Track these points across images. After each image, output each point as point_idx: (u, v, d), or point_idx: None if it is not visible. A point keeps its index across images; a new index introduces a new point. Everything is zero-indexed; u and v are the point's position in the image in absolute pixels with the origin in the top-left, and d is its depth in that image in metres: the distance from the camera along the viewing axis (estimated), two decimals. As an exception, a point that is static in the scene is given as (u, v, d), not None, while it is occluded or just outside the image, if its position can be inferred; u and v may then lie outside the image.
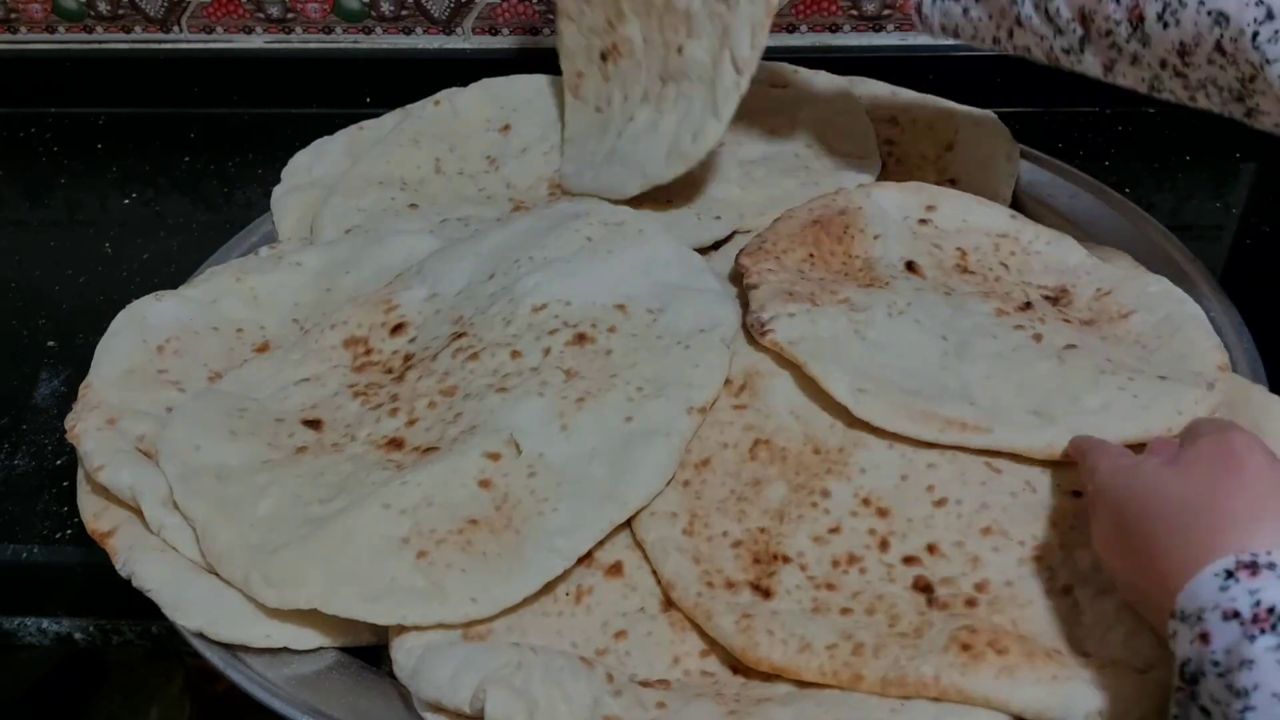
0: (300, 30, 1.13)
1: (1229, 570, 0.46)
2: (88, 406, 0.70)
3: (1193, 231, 0.95)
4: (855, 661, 0.56)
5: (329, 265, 0.82)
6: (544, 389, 0.68)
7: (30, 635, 0.73)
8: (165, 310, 0.77)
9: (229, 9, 1.12)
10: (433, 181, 0.91)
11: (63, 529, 0.76)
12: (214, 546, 0.62)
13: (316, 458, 0.68)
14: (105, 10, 1.13)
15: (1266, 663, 0.43)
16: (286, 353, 0.75)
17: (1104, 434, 0.63)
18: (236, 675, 0.59)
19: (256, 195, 0.98)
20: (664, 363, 0.70)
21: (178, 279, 0.82)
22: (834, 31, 1.08)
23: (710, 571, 0.61)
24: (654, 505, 0.64)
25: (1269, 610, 0.44)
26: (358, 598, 0.59)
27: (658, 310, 0.73)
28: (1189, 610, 0.46)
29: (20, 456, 0.82)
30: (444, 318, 0.76)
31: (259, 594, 0.60)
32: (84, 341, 0.78)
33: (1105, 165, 1.00)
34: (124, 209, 1.06)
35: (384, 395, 0.71)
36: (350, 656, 0.61)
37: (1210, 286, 0.77)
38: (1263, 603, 0.44)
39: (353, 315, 0.76)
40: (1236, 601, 0.45)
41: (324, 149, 0.95)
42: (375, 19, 1.12)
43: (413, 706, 0.58)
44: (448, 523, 0.62)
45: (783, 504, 0.64)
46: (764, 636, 0.57)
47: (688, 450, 0.67)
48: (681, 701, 0.56)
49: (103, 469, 0.65)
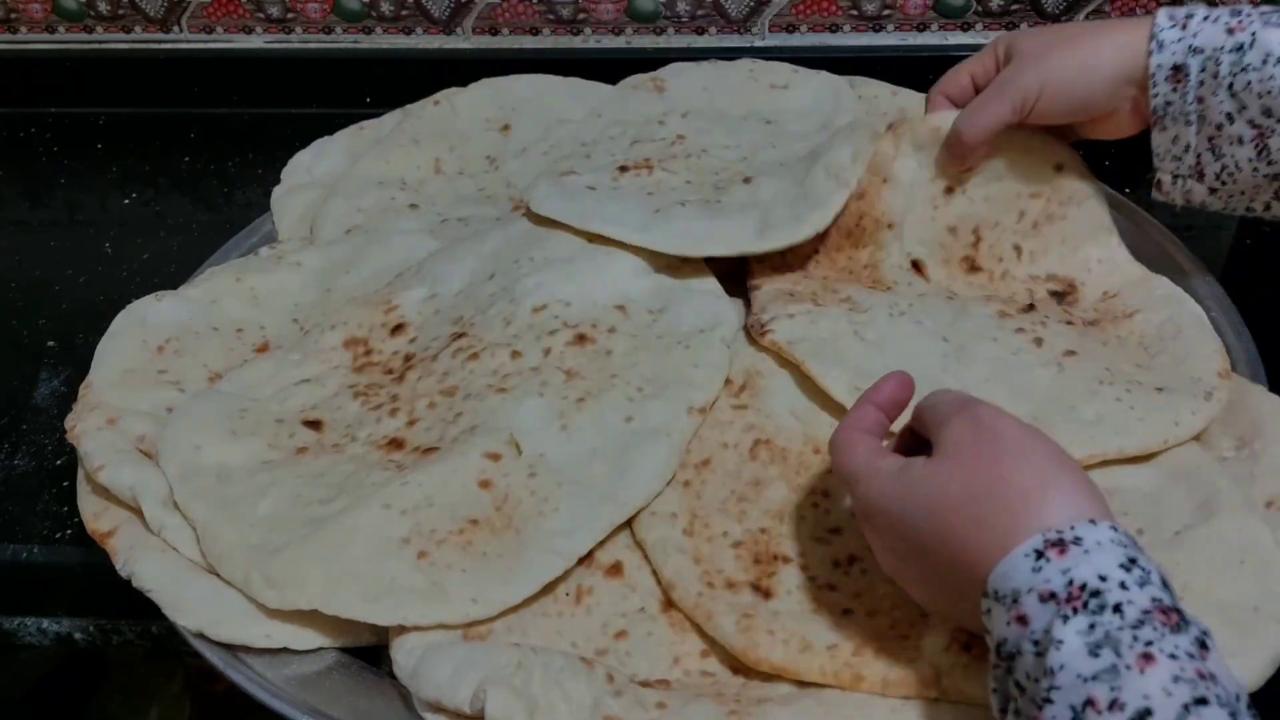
0: (300, 30, 1.13)
1: (1039, 550, 0.46)
2: (88, 406, 0.70)
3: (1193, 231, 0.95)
4: (856, 662, 0.56)
5: (329, 265, 0.82)
6: (544, 389, 0.68)
7: (30, 635, 0.73)
8: (165, 310, 0.77)
9: (229, 9, 1.12)
10: (433, 181, 0.91)
11: (63, 529, 0.76)
12: (214, 547, 0.62)
13: (317, 458, 0.68)
14: (105, 10, 1.13)
15: (1074, 645, 0.43)
16: (286, 353, 0.75)
17: (1099, 446, 0.64)
18: (236, 675, 0.59)
19: (256, 195, 0.98)
20: (664, 363, 0.70)
21: (178, 279, 0.82)
22: (834, 31, 1.08)
23: (711, 572, 0.61)
24: (654, 505, 0.64)
25: (1081, 588, 0.45)
26: (358, 598, 0.59)
27: (658, 311, 0.73)
28: (1003, 591, 0.47)
29: (20, 456, 0.82)
30: (444, 318, 0.75)
31: (259, 594, 0.60)
32: (84, 341, 0.78)
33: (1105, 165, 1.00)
34: (124, 209, 1.06)
35: (384, 395, 0.71)
36: (350, 656, 0.61)
37: (1210, 287, 0.77)
38: (1075, 581, 0.45)
39: (353, 315, 0.76)
40: (1051, 582, 0.45)
41: (324, 149, 0.95)
42: (375, 19, 1.12)
43: (413, 707, 0.58)
44: (448, 523, 0.62)
45: (783, 504, 0.64)
46: (764, 637, 0.57)
47: (688, 450, 0.67)
48: (682, 702, 0.56)
49: (103, 469, 0.65)
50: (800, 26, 1.09)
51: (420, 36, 1.12)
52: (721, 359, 0.70)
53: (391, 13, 1.11)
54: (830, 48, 1.08)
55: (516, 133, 0.94)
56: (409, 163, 0.91)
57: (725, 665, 0.59)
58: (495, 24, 1.11)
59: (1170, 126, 0.70)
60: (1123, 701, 0.41)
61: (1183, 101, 0.68)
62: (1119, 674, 0.42)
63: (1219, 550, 0.59)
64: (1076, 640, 0.44)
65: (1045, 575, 0.46)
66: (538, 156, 0.91)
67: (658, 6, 1.08)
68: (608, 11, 1.09)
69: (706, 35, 1.10)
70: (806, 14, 1.08)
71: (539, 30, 1.11)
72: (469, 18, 1.11)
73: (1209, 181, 0.70)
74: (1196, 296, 0.75)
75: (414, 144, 0.92)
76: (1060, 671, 0.43)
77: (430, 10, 1.11)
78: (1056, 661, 0.43)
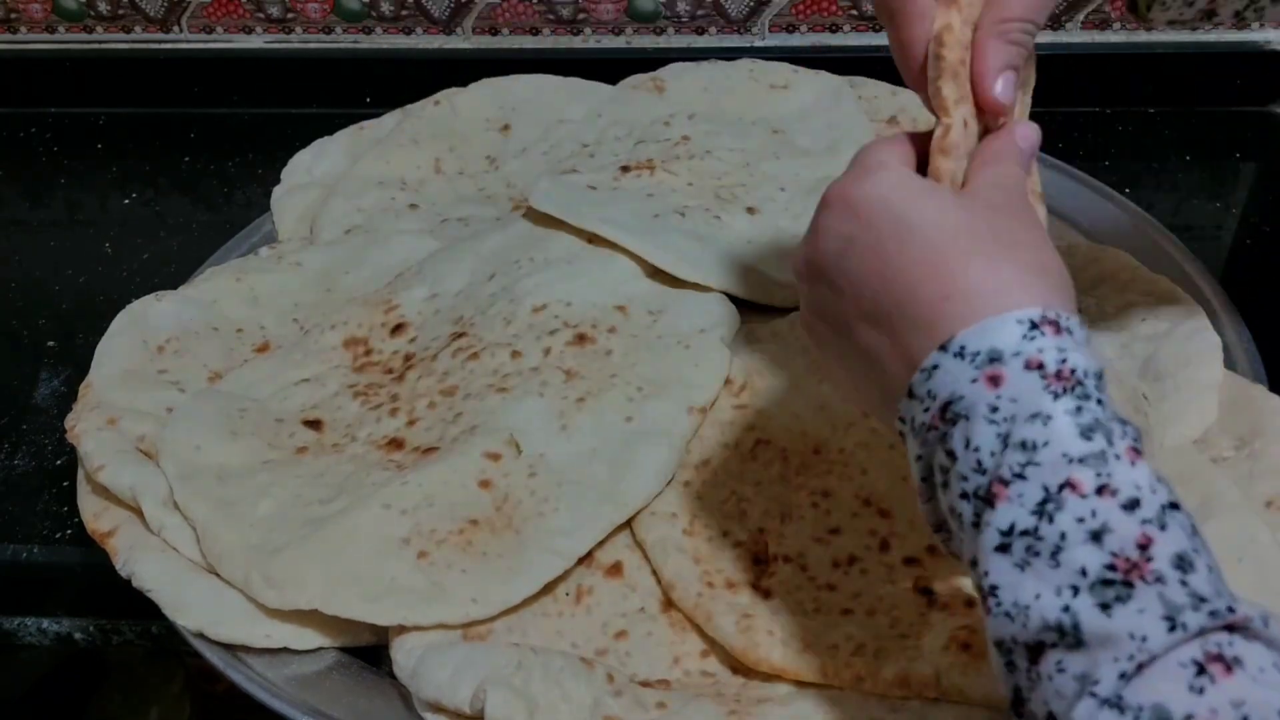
0: (300, 30, 1.13)
1: (1034, 321, 0.42)
2: (88, 406, 0.70)
3: (1193, 231, 0.95)
4: (856, 662, 0.56)
5: (329, 265, 0.82)
6: (544, 389, 0.68)
7: (30, 635, 0.73)
8: (165, 310, 0.77)
9: (229, 9, 1.12)
10: (433, 181, 0.91)
11: (63, 529, 0.76)
12: (214, 547, 0.62)
13: (317, 458, 0.68)
14: (105, 10, 1.13)
15: (1062, 423, 0.40)
16: (287, 353, 0.75)
17: None
18: (236, 675, 0.59)
19: (256, 195, 0.98)
20: (664, 363, 0.70)
21: (178, 279, 0.82)
22: (834, 31, 1.08)
23: (711, 572, 0.61)
24: (654, 505, 0.64)
25: (1072, 371, 0.41)
26: (358, 598, 0.59)
27: (658, 311, 0.73)
28: (975, 347, 0.42)
29: (20, 456, 0.82)
30: (444, 318, 0.75)
31: (259, 594, 0.60)
32: (84, 341, 0.78)
33: (1105, 165, 1.00)
34: (124, 209, 1.06)
35: (384, 395, 0.71)
36: (350, 656, 0.61)
37: (1210, 286, 0.77)
38: (1068, 363, 0.41)
39: (353, 315, 0.76)
40: (1044, 354, 0.41)
41: (324, 149, 0.95)
42: (375, 19, 1.12)
43: (413, 706, 0.58)
44: (448, 523, 0.62)
45: (783, 504, 0.64)
46: (764, 637, 0.57)
47: (688, 450, 0.67)
48: (681, 702, 0.56)
49: (103, 469, 0.65)
50: (800, 26, 1.09)
51: (420, 36, 1.12)
52: (721, 359, 0.70)
53: (391, 13, 1.11)
54: (830, 48, 1.08)
55: (516, 133, 0.94)
56: (409, 163, 0.91)
57: (725, 665, 0.59)
58: (495, 24, 1.11)
59: None
60: (1114, 488, 0.39)
61: None
62: (1107, 461, 0.40)
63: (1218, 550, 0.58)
64: (1066, 419, 0.40)
65: (1038, 345, 0.41)
66: (538, 156, 0.91)
67: (658, 6, 1.08)
68: (608, 11, 1.09)
69: (706, 35, 1.10)
70: (806, 14, 1.08)
71: (539, 30, 1.11)
72: (469, 18, 1.11)
73: None
74: (1196, 296, 0.75)
75: (414, 144, 0.92)
76: (1043, 448, 0.40)
77: (430, 10, 1.11)
78: (1040, 437, 0.40)
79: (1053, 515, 0.40)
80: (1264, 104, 1.06)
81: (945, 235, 0.45)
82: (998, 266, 0.44)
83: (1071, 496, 0.39)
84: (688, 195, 0.81)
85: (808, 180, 0.83)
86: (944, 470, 0.43)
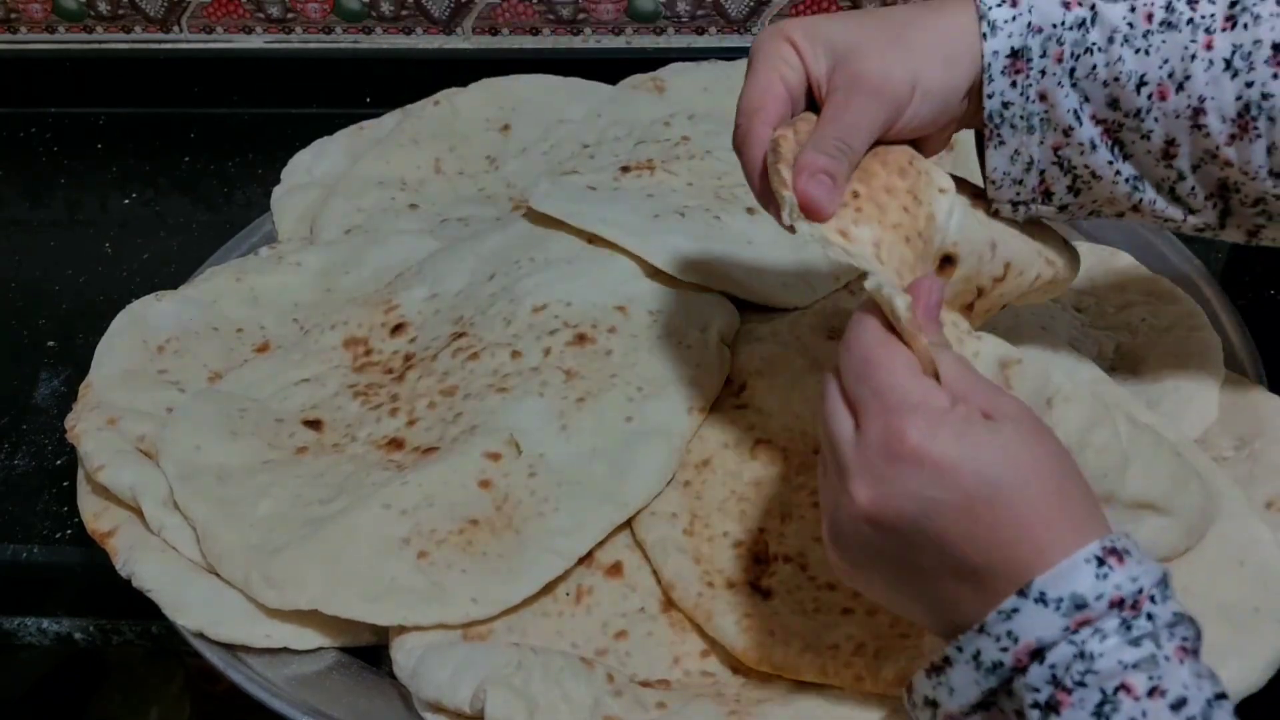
0: (300, 30, 1.13)
1: (1100, 557, 0.44)
2: (88, 406, 0.70)
3: (1193, 231, 0.95)
4: (856, 662, 0.56)
5: (329, 265, 0.82)
6: (544, 389, 0.68)
7: (30, 635, 0.73)
8: (165, 310, 0.77)
9: (229, 9, 1.12)
10: (433, 181, 0.91)
11: (63, 529, 0.76)
12: (214, 547, 0.62)
13: (317, 458, 0.68)
14: (105, 10, 1.13)
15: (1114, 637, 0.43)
16: (286, 353, 0.75)
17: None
18: (236, 675, 0.59)
19: (256, 195, 0.98)
20: (664, 363, 0.70)
21: (178, 279, 0.82)
22: (834, 31, 1.08)
23: (711, 572, 0.61)
24: (654, 505, 0.64)
25: (1139, 590, 0.43)
26: (358, 598, 0.59)
27: (658, 311, 0.73)
28: (1057, 595, 0.43)
29: (20, 456, 0.82)
30: (444, 318, 0.75)
31: (259, 594, 0.60)
32: (84, 341, 0.78)
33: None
34: (124, 209, 1.06)
35: (384, 395, 0.71)
36: (350, 656, 0.61)
37: (1210, 287, 0.77)
38: (1143, 591, 0.44)
39: (353, 315, 0.76)
40: (1121, 589, 0.43)
41: (324, 149, 0.95)
42: (375, 19, 1.12)
43: (413, 706, 0.58)
44: (448, 523, 0.62)
45: (783, 504, 0.64)
46: (764, 637, 0.57)
47: (688, 450, 0.67)
48: (682, 702, 0.56)
49: (103, 469, 0.65)
50: (800, 26, 1.08)
51: (420, 36, 1.12)
52: (721, 359, 0.70)
53: (391, 13, 1.11)
54: (830, 48, 1.08)
55: (516, 133, 0.94)
56: (409, 163, 0.91)
57: (725, 665, 0.59)
58: (495, 24, 1.11)
59: (1009, 139, 0.56)
60: (1164, 689, 0.42)
61: (1024, 101, 0.55)
62: (1158, 664, 0.42)
63: (1219, 551, 0.59)
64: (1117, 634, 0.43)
65: (1114, 582, 0.44)
66: (538, 156, 0.91)
67: (658, 6, 1.08)
68: (608, 11, 1.09)
69: (706, 35, 1.10)
70: (806, 14, 1.08)
71: (539, 30, 1.11)
72: (469, 18, 1.11)
73: (1059, 199, 0.58)
74: (1196, 296, 0.75)
75: (414, 144, 0.92)
76: (1099, 659, 0.43)
77: (430, 10, 1.11)
78: (1098, 649, 0.43)
79: (1109, 716, 0.42)
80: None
81: (1024, 492, 0.45)
82: (1063, 507, 0.45)
83: (1126, 698, 0.42)
84: (688, 195, 0.81)
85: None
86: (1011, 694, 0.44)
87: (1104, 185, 0.56)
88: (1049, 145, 0.56)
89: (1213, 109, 0.53)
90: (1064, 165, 0.56)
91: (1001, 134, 0.56)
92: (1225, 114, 0.53)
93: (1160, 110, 0.54)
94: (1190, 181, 0.56)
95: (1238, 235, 0.58)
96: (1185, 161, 0.55)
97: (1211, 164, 0.54)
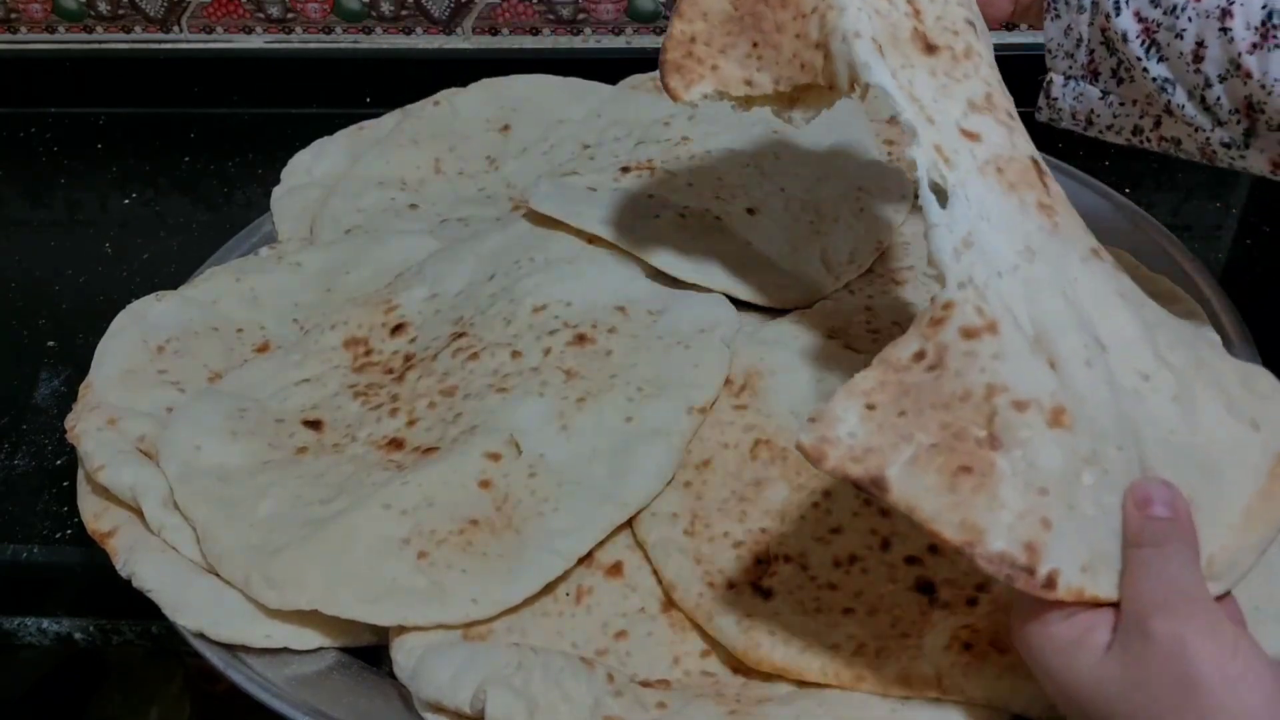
0: (300, 30, 1.13)
1: None
2: (88, 406, 0.70)
3: (1193, 231, 0.95)
4: (857, 661, 0.56)
5: (329, 265, 0.82)
6: (544, 389, 0.68)
7: (30, 635, 0.73)
8: (165, 310, 0.77)
9: (229, 9, 1.12)
10: (433, 182, 0.91)
11: (63, 529, 0.76)
12: (214, 547, 0.62)
13: (317, 458, 0.68)
14: (105, 10, 1.13)
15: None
16: (287, 353, 0.75)
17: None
18: (236, 675, 0.59)
19: (256, 195, 0.98)
20: (664, 363, 0.70)
21: (178, 279, 0.82)
22: (834, 31, 1.08)
23: (711, 572, 0.61)
24: (655, 506, 0.64)
25: None
26: (358, 599, 0.59)
27: (658, 311, 0.73)
28: None
29: (20, 456, 0.82)
30: (444, 318, 0.75)
31: (260, 595, 0.60)
32: (84, 341, 0.78)
33: (1105, 165, 1.00)
34: (124, 209, 1.06)
35: (384, 395, 0.71)
36: (350, 656, 0.61)
37: (1210, 287, 0.77)
38: None
39: (353, 315, 0.76)
40: None
41: (324, 149, 0.95)
42: (375, 19, 1.12)
43: (413, 707, 0.58)
44: (448, 523, 0.62)
45: (784, 504, 0.64)
46: (765, 637, 0.57)
47: (688, 451, 0.67)
48: (682, 702, 0.56)
49: (103, 469, 0.65)
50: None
51: (420, 36, 1.12)
52: (721, 359, 0.70)
53: (391, 13, 1.11)
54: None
55: (516, 133, 0.94)
56: (409, 163, 0.91)
57: (725, 665, 0.59)
58: (495, 24, 1.11)
59: (1064, 13, 0.62)
60: None
61: None
62: None
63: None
64: None
65: None
66: (538, 156, 0.91)
67: (658, 6, 1.08)
68: (608, 11, 1.09)
69: (706, 35, 1.09)
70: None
71: (539, 30, 1.11)
72: (469, 18, 1.11)
73: (1104, 82, 0.63)
74: (1196, 296, 0.75)
75: (414, 144, 0.92)
76: None
77: (430, 10, 1.11)
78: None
79: None
80: (1264, 104, 1.06)
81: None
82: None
83: None
84: (688, 195, 0.81)
85: (808, 180, 0.83)
86: None
87: (1139, 83, 0.61)
88: (1097, 26, 0.61)
89: (1239, 13, 0.56)
90: (1110, 47, 0.61)
91: (1057, 7, 0.63)
92: (1250, 21, 0.56)
93: (1194, 10, 0.58)
94: (1217, 90, 0.59)
95: (1262, 163, 0.60)
96: (1213, 68, 0.58)
97: (1235, 76, 0.57)
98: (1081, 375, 0.49)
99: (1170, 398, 0.50)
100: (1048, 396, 0.48)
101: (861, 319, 0.74)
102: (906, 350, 0.49)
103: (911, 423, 0.47)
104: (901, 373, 0.48)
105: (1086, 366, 0.49)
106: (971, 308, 0.49)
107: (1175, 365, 0.51)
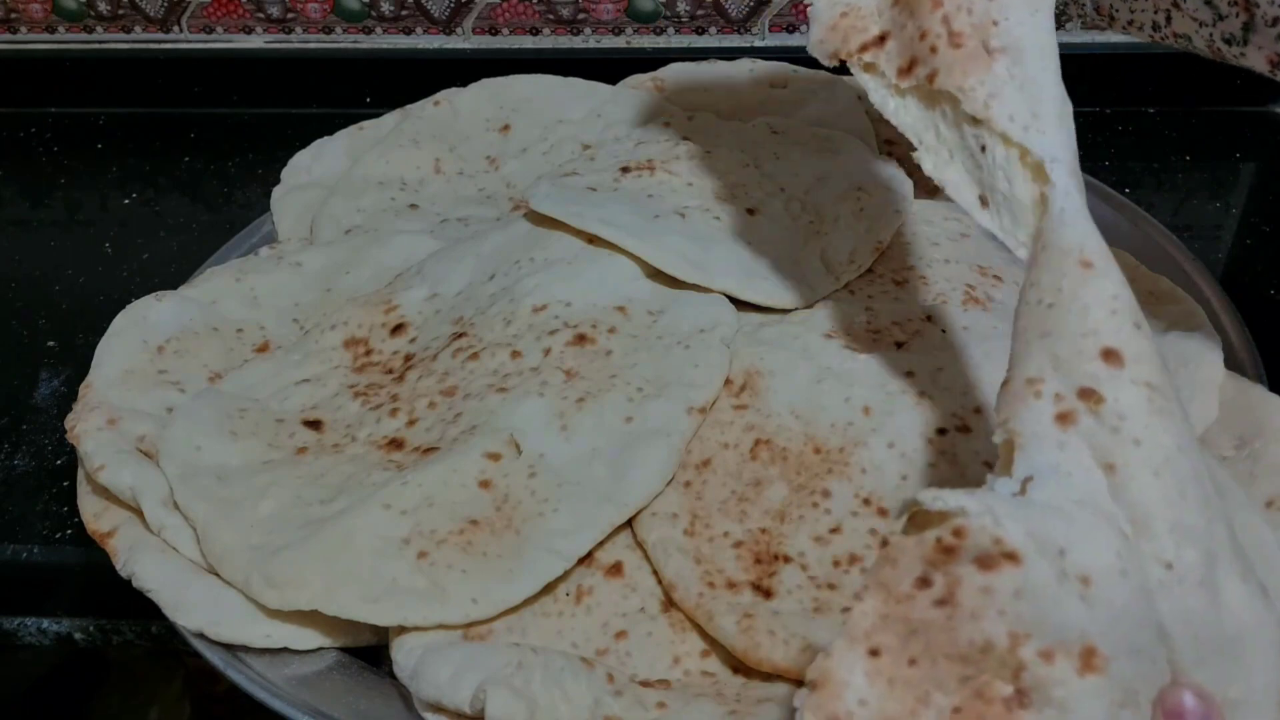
0: (300, 30, 1.13)
1: None
2: (88, 406, 0.70)
3: (1193, 231, 0.95)
4: (856, 662, 0.56)
5: (329, 265, 0.82)
6: (544, 389, 0.68)
7: (30, 635, 0.73)
8: (165, 310, 0.77)
9: (229, 9, 1.12)
10: (433, 182, 0.91)
11: (63, 529, 0.76)
12: (214, 547, 0.62)
13: (317, 458, 0.68)
14: (105, 10, 1.13)
15: None
16: (286, 353, 0.75)
17: None
18: (236, 675, 0.59)
19: (256, 195, 0.98)
20: (664, 363, 0.70)
21: (178, 279, 0.82)
22: (834, 31, 1.08)
23: (711, 572, 0.61)
24: (655, 506, 0.64)
25: None
26: (358, 599, 0.59)
27: (658, 311, 0.73)
28: None
29: (20, 456, 0.82)
30: (444, 318, 0.76)
31: (259, 595, 0.60)
32: (84, 341, 0.78)
33: (1105, 165, 1.00)
34: (124, 209, 1.06)
35: (384, 395, 0.71)
36: (350, 657, 0.61)
37: (1210, 286, 0.77)
38: None
39: (353, 315, 0.76)
40: None
41: (324, 149, 0.95)
42: (375, 19, 1.12)
43: (413, 707, 0.58)
44: (448, 523, 0.62)
45: (784, 504, 0.64)
46: (765, 637, 0.57)
47: (688, 451, 0.67)
48: (682, 702, 0.56)
49: (103, 469, 0.65)
50: (800, 26, 1.09)
51: (420, 36, 1.13)
52: (721, 359, 0.70)
53: (391, 13, 1.11)
54: (830, 48, 1.08)
55: (516, 133, 0.94)
56: (409, 163, 0.91)
57: (726, 665, 0.59)
58: (495, 24, 1.11)
59: None
60: None
61: None
62: None
63: (1219, 550, 0.58)
64: None
65: None
66: (538, 157, 0.91)
67: (658, 6, 1.08)
68: (608, 11, 1.09)
69: (706, 35, 1.10)
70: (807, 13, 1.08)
71: (539, 30, 1.11)
72: (469, 18, 1.11)
73: None
74: (1196, 296, 0.75)
75: (414, 144, 0.92)
76: None
77: (430, 10, 1.11)
78: None
79: None
80: (1264, 104, 1.07)
81: None
82: None
83: None
84: (688, 195, 0.81)
85: (807, 180, 0.83)
86: None
87: None
88: None
89: None
90: None
91: None
92: None
93: None
94: None
95: (1260, 60, 0.60)
96: None
97: None
98: (1117, 592, 0.42)
99: (1196, 583, 0.43)
100: (1077, 636, 0.41)
101: (862, 319, 0.74)
102: (907, 576, 0.42)
103: (926, 676, 0.41)
104: (905, 605, 0.41)
105: (1121, 577, 0.42)
106: (989, 537, 0.41)
107: (1198, 534, 0.44)
